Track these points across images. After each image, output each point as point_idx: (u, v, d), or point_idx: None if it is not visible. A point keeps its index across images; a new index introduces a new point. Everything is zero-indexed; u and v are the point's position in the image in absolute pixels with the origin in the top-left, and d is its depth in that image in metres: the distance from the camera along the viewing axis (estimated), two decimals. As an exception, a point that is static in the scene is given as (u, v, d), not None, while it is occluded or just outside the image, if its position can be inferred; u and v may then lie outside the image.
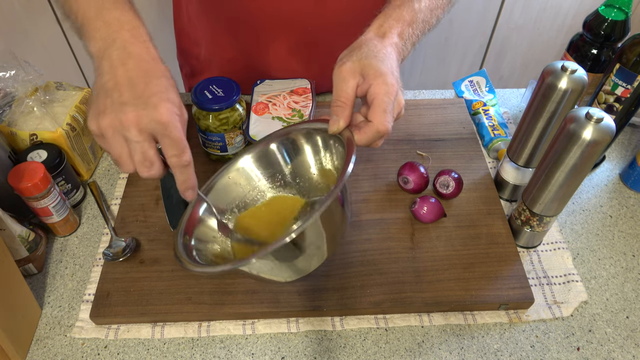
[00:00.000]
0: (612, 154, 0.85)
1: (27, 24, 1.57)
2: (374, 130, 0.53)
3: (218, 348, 0.61)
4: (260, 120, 0.78)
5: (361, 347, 0.61)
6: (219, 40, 0.88)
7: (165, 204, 0.73)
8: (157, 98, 0.47)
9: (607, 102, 0.72)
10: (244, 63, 0.90)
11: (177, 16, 0.93)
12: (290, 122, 0.78)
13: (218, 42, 0.89)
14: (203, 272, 0.52)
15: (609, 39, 0.75)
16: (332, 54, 0.88)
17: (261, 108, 0.80)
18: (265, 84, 0.85)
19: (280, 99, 0.81)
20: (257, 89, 0.84)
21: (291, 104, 0.81)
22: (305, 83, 0.85)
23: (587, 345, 0.62)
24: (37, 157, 0.69)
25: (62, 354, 0.60)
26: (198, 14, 0.88)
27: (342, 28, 0.85)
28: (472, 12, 1.69)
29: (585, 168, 0.58)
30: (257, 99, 0.82)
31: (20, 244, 0.63)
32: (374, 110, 0.53)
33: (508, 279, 0.65)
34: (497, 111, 0.87)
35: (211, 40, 0.90)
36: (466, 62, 1.86)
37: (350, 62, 0.55)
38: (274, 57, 0.87)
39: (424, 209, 0.70)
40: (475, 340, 0.62)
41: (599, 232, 0.74)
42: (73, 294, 0.66)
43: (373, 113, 0.53)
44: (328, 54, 0.88)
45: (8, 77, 0.69)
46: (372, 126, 0.53)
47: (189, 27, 0.92)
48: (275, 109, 0.80)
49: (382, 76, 0.54)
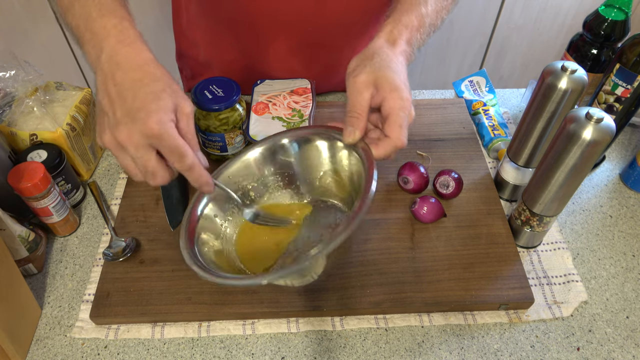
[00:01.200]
0: (612, 154, 0.85)
1: (27, 24, 1.57)
2: (391, 145, 0.55)
3: (218, 348, 0.61)
4: (260, 120, 0.78)
5: (361, 347, 0.61)
6: (219, 42, 0.88)
7: (165, 204, 0.73)
8: (145, 112, 0.47)
9: (607, 102, 0.72)
10: (244, 64, 0.90)
11: (177, 18, 0.93)
12: (290, 122, 0.78)
13: (218, 43, 0.89)
14: (228, 284, 0.51)
15: (609, 39, 0.75)
16: (332, 54, 0.88)
17: (261, 108, 0.80)
18: (265, 84, 0.85)
19: (281, 99, 0.81)
20: (257, 89, 0.84)
21: (291, 104, 0.81)
22: (305, 83, 0.85)
23: (587, 345, 0.62)
24: (37, 157, 0.69)
25: (62, 354, 0.60)
26: (197, 15, 0.88)
27: (342, 28, 0.85)
28: (472, 12, 1.69)
29: (585, 168, 0.58)
30: (257, 98, 0.82)
31: (20, 244, 0.63)
32: (391, 126, 0.55)
33: (508, 279, 0.65)
34: (497, 111, 0.87)
35: (211, 41, 0.90)
36: (466, 62, 1.86)
37: (364, 74, 0.55)
38: (274, 57, 0.87)
39: (424, 209, 0.70)
40: (475, 340, 0.62)
41: (599, 232, 0.74)
42: (73, 294, 0.66)
43: (390, 128, 0.55)
44: (328, 54, 0.88)
45: (8, 77, 0.69)
46: (390, 141, 0.55)
47: (189, 28, 0.92)
48: (275, 109, 0.80)
49: (397, 90, 0.55)
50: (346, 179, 0.63)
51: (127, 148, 0.48)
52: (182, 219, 0.71)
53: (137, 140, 0.48)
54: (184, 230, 0.57)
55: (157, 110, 0.48)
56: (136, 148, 0.48)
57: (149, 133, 0.47)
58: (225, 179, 0.64)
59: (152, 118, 0.47)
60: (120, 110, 0.48)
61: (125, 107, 0.48)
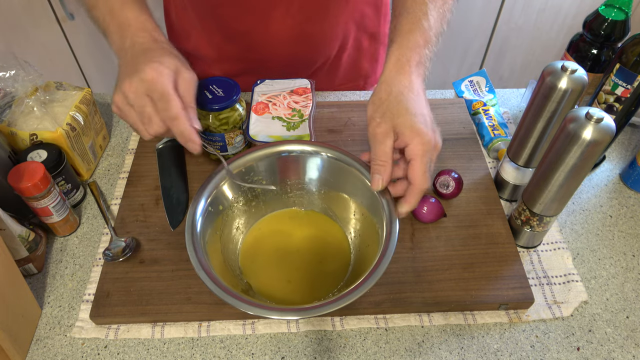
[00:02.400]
0: (612, 154, 0.85)
1: (27, 24, 1.57)
2: (417, 192, 0.56)
3: (218, 348, 0.61)
4: (260, 120, 0.78)
5: (361, 347, 0.61)
6: (208, 29, 0.88)
7: (165, 204, 0.73)
8: (144, 64, 0.56)
9: (607, 102, 0.72)
10: (235, 52, 0.89)
11: (167, 13, 0.93)
12: (290, 122, 0.78)
13: (207, 30, 0.89)
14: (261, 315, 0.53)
15: (609, 39, 0.75)
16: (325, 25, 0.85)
17: (261, 108, 0.80)
18: (265, 84, 0.85)
19: (280, 99, 0.81)
20: (257, 89, 0.84)
21: (291, 104, 0.81)
22: (305, 83, 0.85)
23: (587, 345, 0.62)
24: (37, 157, 0.69)
25: (62, 354, 0.60)
26: (185, 6, 0.88)
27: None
28: (472, 12, 1.69)
29: (585, 168, 0.58)
30: (257, 98, 0.82)
31: (20, 244, 0.63)
32: (414, 173, 0.56)
33: (508, 279, 0.65)
34: (497, 111, 0.87)
35: (201, 29, 0.89)
36: (466, 62, 1.86)
37: (384, 124, 0.56)
38: (271, 40, 0.86)
39: (424, 209, 0.70)
40: (475, 340, 0.62)
41: (599, 232, 0.74)
42: (73, 294, 0.66)
43: (413, 175, 0.56)
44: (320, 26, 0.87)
45: (8, 77, 0.69)
46: (415, 188, 0.56)
47: (177, 21, 0.91)
48: (275, 108, 0.80)
49: (418, 136, 0.55)
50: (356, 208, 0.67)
51: (127, 97, 0.56)
52: (182, 218, 0.71)
53: (135, 87, 0.55)
54: (191, 248, 0.57)
55: (156, 62, 0.56)
56: (135, 94, 0.56)
57: (144, 77, 0.55)
58: (243, 163, 0.66)
59: (150, 66, 0.56)
60: (130, 69, 0.57)
61: (133, 65, 0.57)
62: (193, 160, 0.79)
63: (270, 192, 0.69)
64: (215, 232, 0.62)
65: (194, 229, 0.58)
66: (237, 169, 0.65)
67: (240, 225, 0.68)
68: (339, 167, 0.66)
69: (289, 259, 0.66)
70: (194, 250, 0.56)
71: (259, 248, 0.67)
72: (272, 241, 0.68)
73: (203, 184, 0.62)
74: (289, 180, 0.69)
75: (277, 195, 0.70)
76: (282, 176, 0.69)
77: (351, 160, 0.65)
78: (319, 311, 0.51)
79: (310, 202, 0.71)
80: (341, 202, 0.68)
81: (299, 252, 0.67)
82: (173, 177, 0.76)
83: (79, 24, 1.61)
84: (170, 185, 0.75)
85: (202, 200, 0.61)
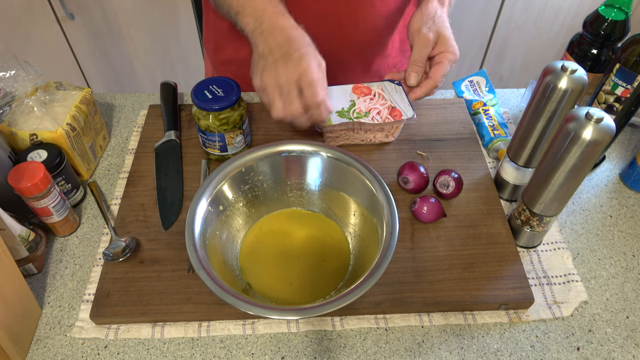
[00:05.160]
0: (612, 154, 0.85)
1: (27, 24, 1.57)
2: (432, 84, 0.74)
3: (218, 348, 0.61)
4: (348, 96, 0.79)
5: (361, 347, 0.61)
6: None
7: (159, 205, 0.73)
8: (298, 54, 0.63)
9: (607, 102, 0.72)
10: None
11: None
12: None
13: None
14: (261, 315, 0.53)
15: (609, 39, 0.75)
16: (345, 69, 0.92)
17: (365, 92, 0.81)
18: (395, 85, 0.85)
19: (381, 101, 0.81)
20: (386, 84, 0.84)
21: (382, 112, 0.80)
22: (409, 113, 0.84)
23: (587, 345, 0.62)
24: (37, 157, 0.69)
25: (62, 354, 0.60)
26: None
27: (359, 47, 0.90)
28: (472, 12, 1.69)
29: (585, 168, 0.58)
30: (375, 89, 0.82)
31: (20, 244, 0.63)
32: (438, 72, 0.74)
33: (508, 279, 0.65)
34: (497, 111, 0.87)
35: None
36: (466, 62, 1.86)
37: (432, 33, 0.73)
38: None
39: (424, 209, 0.70)
40: (475, 340, 0.62)
41: (599, 232, 0.74)
42: (73, 294, 0.66)
43: (436, 73, 0.74)
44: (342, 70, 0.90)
45: (8, 77, 0.69)
46: (431, 82, 0.74)
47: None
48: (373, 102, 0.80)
49: (452, 47, 0.74)
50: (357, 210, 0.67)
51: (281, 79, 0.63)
52: (175, 220, 0.71)
53: (290, 73, 0.63)
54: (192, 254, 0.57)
55: (307, 54, 0.64)
56: (287, 80, 0.63)
57: (298, 68, 0.63)
58: (249, 161, 0.66)
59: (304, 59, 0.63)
60: (278, 53, 0.64)
61: (282, 52, 0.64)
62: (192, 160, 0.79)
63: (270, 192, 0.69)
64: (215, 232, 0.62)
65: (193, 229, 0.58)
66: (237, 169, 0.65)
67: (240, 225, 0.68)
68: (339, 167, 0.66)
69: (289, 259, 0.66)
70: (194, 250, 0.56)
71: (258, 248, 0.67)
72: (272, 241, 0.68)
73: (203, 184, 0.62)
74: (289, 180, 0.69)
75: (277, 195, 0.70)
76: (282, 176, 0.69)
77: (351, 160, 0.65)
78: (319, 311, 0.51)
79: (310, 202, 0.71)
80: (341, 202, 0.68)
81: (298, 252, 0.67)
82: (169, 178, 0.76)
83: (79, 24, 1.61)
84: (166, 186, 0.75)
85: (202, 200, 0.61)
